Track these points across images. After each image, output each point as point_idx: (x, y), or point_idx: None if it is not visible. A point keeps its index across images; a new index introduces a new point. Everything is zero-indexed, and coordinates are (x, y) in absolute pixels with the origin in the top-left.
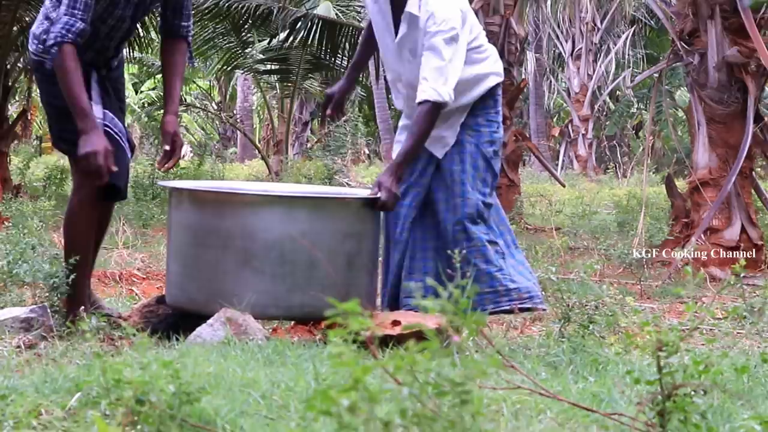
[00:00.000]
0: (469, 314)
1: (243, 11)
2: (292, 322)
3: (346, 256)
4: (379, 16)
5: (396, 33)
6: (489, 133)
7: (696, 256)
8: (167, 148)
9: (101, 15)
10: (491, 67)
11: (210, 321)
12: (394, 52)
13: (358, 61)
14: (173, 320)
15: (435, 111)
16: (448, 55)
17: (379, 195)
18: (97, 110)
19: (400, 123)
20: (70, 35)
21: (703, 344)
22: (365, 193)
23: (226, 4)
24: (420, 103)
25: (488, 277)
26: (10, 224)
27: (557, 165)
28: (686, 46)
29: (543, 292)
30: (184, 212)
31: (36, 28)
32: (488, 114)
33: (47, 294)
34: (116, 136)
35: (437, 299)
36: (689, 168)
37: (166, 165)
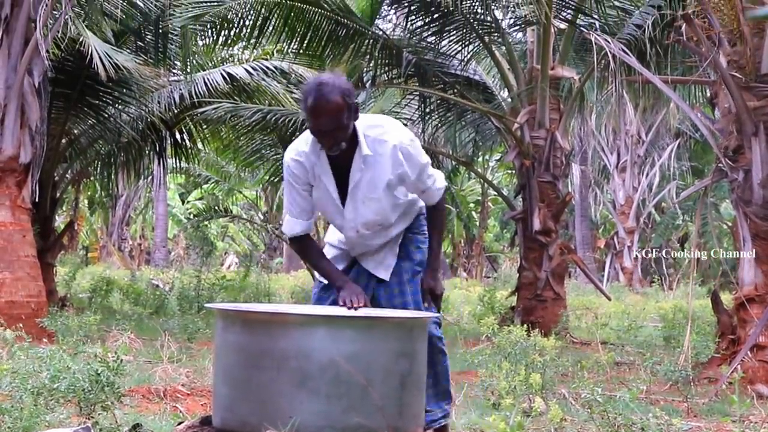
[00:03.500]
0: None
1: (290, 124)
2: None
3: (399, 375)
4: (319, 171)
5: (338, 180)
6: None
7: (743, 373)
8: None
9: None
10: None
11: None
12: (339, 201)
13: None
14: None
15: (443, 200)
16: (425, 158)
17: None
18: None
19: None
20: None
21: None
22: (411, 314)
23: (273, 118)
24: (434, 204)
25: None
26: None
27: (603, 277)
28: (731, 163)
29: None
30: (235, 334)
31: None
32: (420, 233)
33: (89, 411)
34: None
35: None
36: (735, 281)
37: None
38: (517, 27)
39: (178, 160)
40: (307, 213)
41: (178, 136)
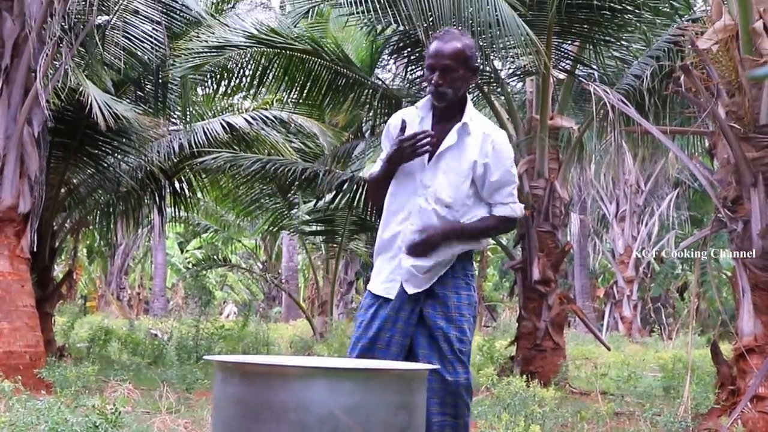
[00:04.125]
0: None
1: (289, 174)
2: None
3: (398, 428)
4: (418, 126)
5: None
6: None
7: (743, 425)
8: None
9: None
10: None
11: None
12: (426, 161)
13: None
14: None
15: (509, 223)
16: (514, 171)
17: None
18: None
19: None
20: None
21: None
22: (410, 366)
23: (273, 167)
24: (502, 216)
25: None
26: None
27: (602, 326)
28: (730, 213)
29: None
30: (234, 386)
31: None
32: (462, 278)
33: None
34: None
35: None
36: (734, 332)
37: None
38: (517, 77)
39: (177, 210)
40: None
41: (177, 185)
